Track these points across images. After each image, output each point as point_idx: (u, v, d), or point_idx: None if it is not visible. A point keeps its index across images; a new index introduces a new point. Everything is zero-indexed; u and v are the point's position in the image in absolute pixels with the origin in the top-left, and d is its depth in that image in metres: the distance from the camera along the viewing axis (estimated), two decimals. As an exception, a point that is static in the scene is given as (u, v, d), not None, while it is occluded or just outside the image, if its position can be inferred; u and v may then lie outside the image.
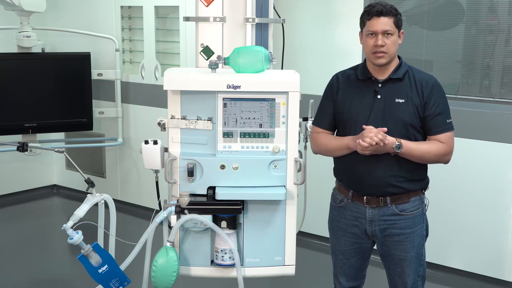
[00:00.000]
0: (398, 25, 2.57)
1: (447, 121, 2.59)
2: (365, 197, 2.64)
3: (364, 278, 2.85)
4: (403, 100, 2.57)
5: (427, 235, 2.73)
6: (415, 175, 2.62)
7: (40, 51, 5.10)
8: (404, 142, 2.53)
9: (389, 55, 2.57)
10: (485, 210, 3.78)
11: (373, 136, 2.46)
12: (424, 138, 2.62)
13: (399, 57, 2.65)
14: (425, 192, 2.71)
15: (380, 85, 2.61)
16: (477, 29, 3.90)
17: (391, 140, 2.50)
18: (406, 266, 2.67)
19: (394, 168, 2.58)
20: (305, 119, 2.88)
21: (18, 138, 4.84)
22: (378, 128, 2.50)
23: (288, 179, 2.73)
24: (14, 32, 4.82)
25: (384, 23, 2.54)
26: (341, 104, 2.67)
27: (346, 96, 2.66)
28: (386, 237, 2.66)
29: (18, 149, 3.00)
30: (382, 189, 2.60)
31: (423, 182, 2.67)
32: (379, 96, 2.59)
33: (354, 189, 2.67)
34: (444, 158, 2.62)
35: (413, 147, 2.55)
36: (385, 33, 2.54)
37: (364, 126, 2.52)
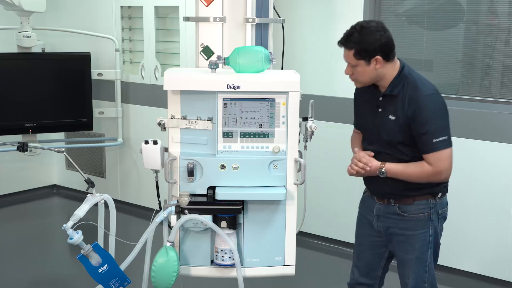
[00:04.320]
0: (361, 55, 2.50)
1: (434, 140, 2.47)
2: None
3: (379, 280, 2.85)
4: (394, 118, 2.56)
5: (436, 242, 2.68)
6: (416, 184, 2.59)
7: (40, 51, 5.10)
8: (388, 168, 2.55)
9: (362, 82, 2.59)
10: (485, 210, 3.78)
11: (357, 162, 2.57)
12: (418, 150, 2.57)
13: (401, 65, 2.59)
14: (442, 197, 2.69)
15: (381, 98, 2.61)
16: (477, 29, 3.90)
17: (374, 165, 2.56)
18: (406, 268, 2.69)
19: (393, 179, 2.59)
20: (305, 119, 2.88)
21: (18, 138, 4.84)
22: (364, 153, 2.59)
23: (288, 179, 2.73)
24: (14, 32, 4.82)
25: (345, 54, 2.57)
26: (357, 110, 2.79)
27: (359, 104, 2.75)
28: (390, 235, 2.70)
29: (18, 149, 3.00)
30: (384, 194, 2.67)
31: (430, 189, 2.62)
32: (380, 110, 2.61)
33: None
34: (432, 178, 2.54)
35: (397, 172, 2.56)
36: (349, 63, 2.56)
37: (355, 150, 2.63)
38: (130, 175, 5.29)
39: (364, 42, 2.49)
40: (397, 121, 2.54)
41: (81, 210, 2.71)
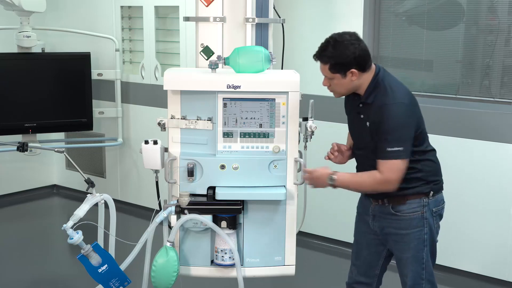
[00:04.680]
0: (336, 69, 2.51)
1: (388, 149, 2.46)
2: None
3: (377, 279, 2.85)
4: (369, 124, 2.57)
5: (432, 240, 2.68)
6: (405, 183, 2.57)
7: (40, 51, 5.10)
8: (340, 177, 2.54)
9: (339, 93, 2.61)
10: (485, 210, 3.78)
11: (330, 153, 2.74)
12: None
13: (376, 70, 2.58)
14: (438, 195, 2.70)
15: (360, 105, 2.62)
16: (477, 29, 3.89)
17: (324, 172, 2.57)
18: (402, 266, 2.70)
19: None
20: (305, 119, 2.89)
21: (18, 138, 4.84)
22: (336, 144, 2.73)
23: (288, 179, 2.74)
24: (14, 32, 4.82)
25: (321, 68, 2.57)
26: (347, 114, 2.77)
27: (347, 107, 2.74)
28: (386, 235, 2.70)
29: (18, 149, 3.00)
30: (378, 194, 2.65)
31: (420, 187, 2.62)
32: (361, 116, 2.62)
33: None
34: (380, 186, 2.53)
35: (347, 181, 2.56)
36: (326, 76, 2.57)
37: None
38: (130, 175, 5.29)
39: (338, 56, 2.50)
40: (371, 128, 2.56)
41: (81, 210, 2.72)
